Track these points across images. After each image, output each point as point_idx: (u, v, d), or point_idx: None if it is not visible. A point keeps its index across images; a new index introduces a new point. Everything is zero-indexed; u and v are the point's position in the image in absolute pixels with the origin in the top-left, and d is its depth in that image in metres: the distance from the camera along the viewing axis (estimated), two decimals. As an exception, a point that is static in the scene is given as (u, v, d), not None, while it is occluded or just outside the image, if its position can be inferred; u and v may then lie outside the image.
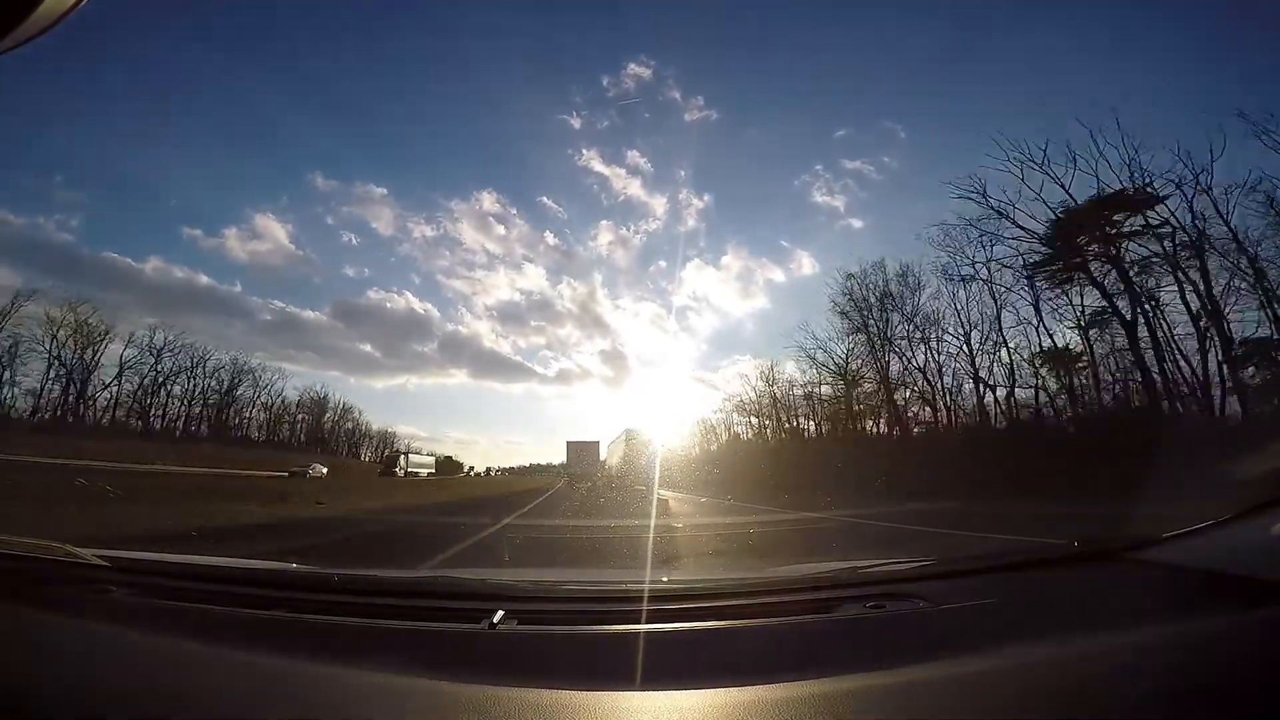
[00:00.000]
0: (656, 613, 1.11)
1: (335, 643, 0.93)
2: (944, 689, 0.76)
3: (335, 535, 6.68)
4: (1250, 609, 0.91)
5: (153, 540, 4.88)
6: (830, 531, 7.92)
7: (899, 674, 0.80)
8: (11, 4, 0.66)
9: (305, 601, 1.14)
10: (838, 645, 0.98)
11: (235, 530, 6.54)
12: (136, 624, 0.98)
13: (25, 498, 7.26)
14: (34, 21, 0.68)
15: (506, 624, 1.01)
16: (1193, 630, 0.91)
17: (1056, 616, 1.08)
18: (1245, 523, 1.05)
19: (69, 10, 0.69)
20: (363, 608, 1.11)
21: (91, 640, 0.90)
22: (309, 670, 0.80)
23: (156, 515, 6.86)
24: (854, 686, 0.76)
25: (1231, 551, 1.04)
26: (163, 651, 0.87)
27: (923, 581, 1.26)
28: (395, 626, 1.01)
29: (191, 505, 8.42)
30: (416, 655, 0.87)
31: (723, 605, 1.16)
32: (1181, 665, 0.81)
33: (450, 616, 1.07)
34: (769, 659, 0.90)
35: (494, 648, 0.93)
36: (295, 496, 12.10)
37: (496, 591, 1.24)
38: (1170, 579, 1.12)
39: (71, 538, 1.78)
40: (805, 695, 0.74)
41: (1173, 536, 1.17)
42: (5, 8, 0.66)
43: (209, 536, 5.70)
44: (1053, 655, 0.86)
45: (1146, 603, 1.08)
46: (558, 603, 1.20)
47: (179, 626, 0.97)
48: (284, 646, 0.89)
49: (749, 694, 0.76)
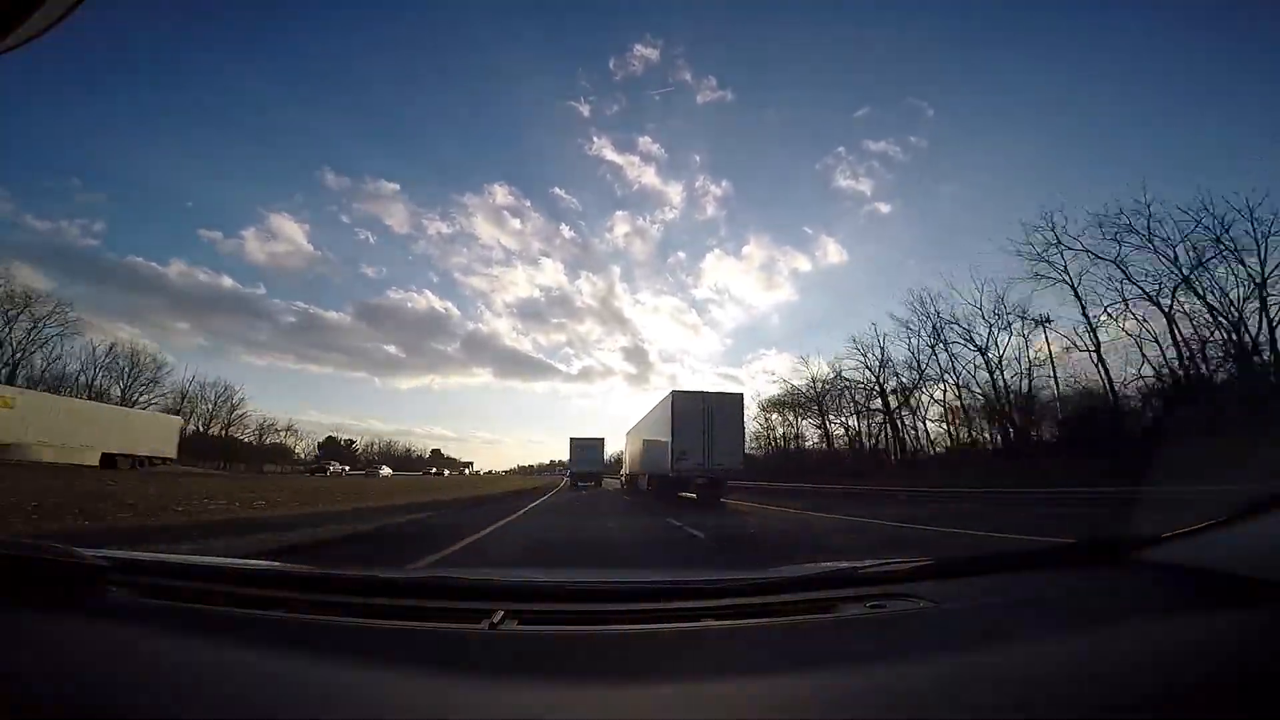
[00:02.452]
0: (657, 612, 1.12)
1: (334, 642, 0.93)
2: (944, 689, 0.75)
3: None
4: (1250, 609, 0.91)
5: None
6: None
7: (899, 674, 0.80)
8: (12, 3, 0.65)
9: (305, 601, 1.15)
10: (838, 645, 0.98)
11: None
12: (136, 624, 0.98)
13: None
14: (35, 20, 0.67)
15: (506, 624, 1.01)
16: (1193, 630, 0.91)
17: (1057, 616, 1.07)
18: (1245, 523, 1.05)
19: (70, 9, 0.68)
20: (362, 608, 1.12)
21: (91, 640, 0.90)
22: (308, 670, 0.80)
23: None
24: (854, 686, 0.76)
25: (1231, 551, 1.04)
26: (162, 651, 0.87)
27: (923, 581, 1.27)
28: (394, 626, 1.01)
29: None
30: (416, 655, 0.87)
31: (723, 605, 1.16)
32: (1182, 665, 0.80)
33: (450, 616, 1.08)
34: (769, 659, 0.90)
35: (494, 648, 0.93)
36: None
37: (496, 591, 1.24)
38: (1170, 579, 1.12)
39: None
40: (805, 695, 0.74)
41: (1173, 536, 1.17)
42: (5, 7, 0.65)
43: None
44: (1053, 655, 0.86)
45: (1146, 603, 1.07)
46: (558, 602, 1.20)
47: (179, 626, 0.98)
48: (283, 646, 0.89)
49: (749, 694, 0.76)
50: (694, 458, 16.61)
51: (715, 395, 17.67)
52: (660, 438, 18.43)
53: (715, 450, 16.76)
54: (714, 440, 16.80)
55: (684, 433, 16.75)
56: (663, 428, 17.95)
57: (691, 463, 16.60)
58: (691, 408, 17.10)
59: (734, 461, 17.31)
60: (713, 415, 16.97)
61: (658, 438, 19.07)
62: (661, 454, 17.90)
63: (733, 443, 17.36)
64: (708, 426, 16.93)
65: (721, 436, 16.98)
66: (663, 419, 18.10)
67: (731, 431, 17.31)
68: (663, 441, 17.82)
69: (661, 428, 18.24)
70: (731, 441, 17.29)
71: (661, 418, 18.44)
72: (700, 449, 16.66)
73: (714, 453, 16.74)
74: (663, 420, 18.07)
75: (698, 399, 17.35)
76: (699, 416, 16.87)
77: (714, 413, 17.06)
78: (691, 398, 17.43)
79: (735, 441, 17.59)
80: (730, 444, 17.12)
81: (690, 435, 16.73)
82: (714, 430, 16.92)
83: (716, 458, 16.78)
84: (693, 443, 16.60)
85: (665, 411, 17.86)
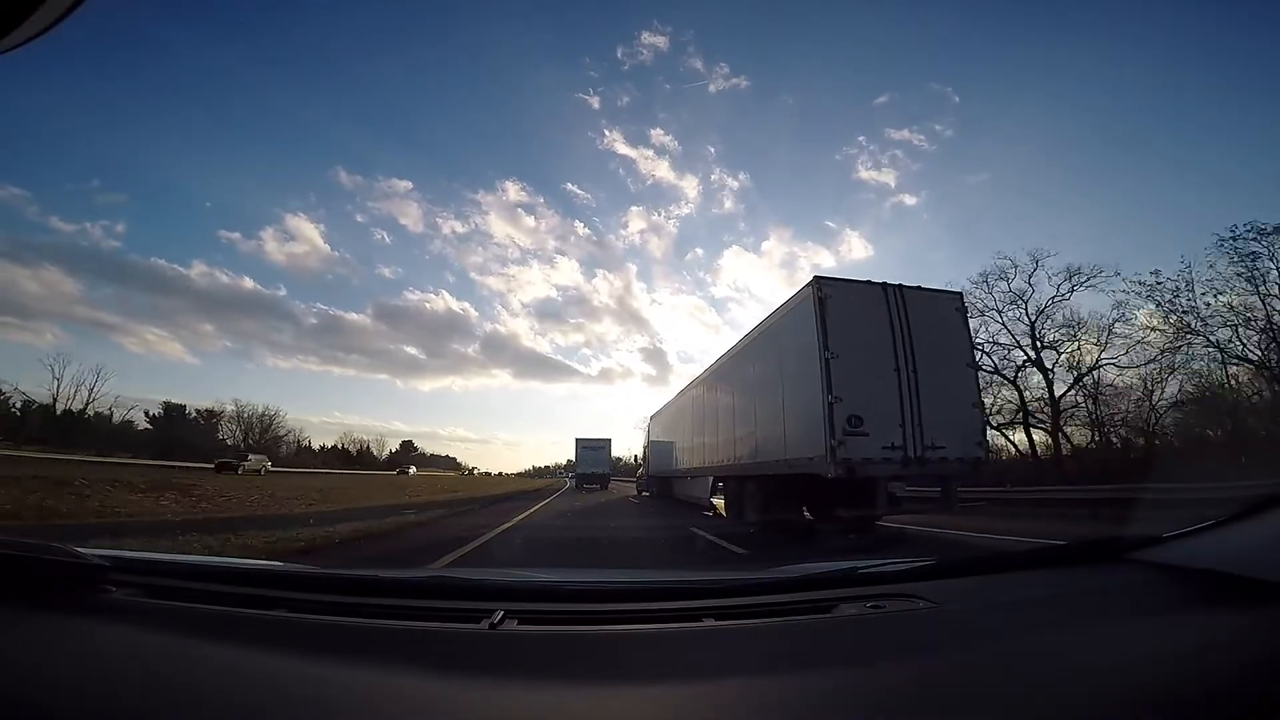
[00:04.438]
0: (657, 612, 1.12)
1: (335, 643, 0.93)
2: (944, 689, 0.75)
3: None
4: (1250, 609, 0.91)
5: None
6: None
7: (898, 674, 0.80)
8: (12, 3, 0.65)
9: (305, 601, 1.15)
10: (838, 645, 0.97)
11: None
12: (136, 624, 0.98)
13: None
14: (36, 20, 0.67)
15: (506, 624, 1.01)
16: (1193, 630, 0.91)
17: (1056, 616, 1.06)
18: (1245, 523, 1.05)
19: (70, 9, 0.68)
20: (362, 608, 1.12)
21: (91, 640, 0.91)
22: (309, 670, 0.80)
23: None
24: (853, 686, 0.76)
25: (1231, 551, 1.04)
26: (163, 651, 0.87)
27: (923, 581, 1.26)
28: (394, 626, 1.01)
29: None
30: (416, 655, 0.87)
31: (723, 605, 1.16)
32: (1181, 665, 0.80)
33: (450, 616, 1.08)
34: (769, 658, 0.89)
35: (494, 648, 0.93)
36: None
37: (496, 591, 1.25)
38: (1170, 579, 1.12)
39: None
40: (805, 695, 0.74)
41: (1173, 536, 1.18)
42: (5, 7, 0.65)
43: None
44: (1053, 655, 0.86)
45: (1146, 603, 1.06)
46: (558, 602, 1.19)
47: (179, 626, 0.97)
48: (284, 646, 0.89)
49: (749, 694, 0.76)
50: (883, 432, 7.06)
51: (913, 292, 7.86)
52: (770, 397, 8.86)
53: (929, 418, 7.27)
54: (923, 396, 7.33)
55: (851, 375, 7.10)
56: (789, 364, 8.25)
57: (877, 446, 7.02)
58: (865, 315, 7.49)
59: (970, 444, 7.50)
60: (912, 339, 7.52)
61: (762, 398, 9.24)
62: (780, 424, 8.32)
63: (961, 402, 7.59)
64: (906, 363, 7.38)
65: (938, 387, 7.41)
66: (789, 348, 8.30)
67: (957, 376, 7.70)
68: (776, 403, 8.50)
69: (785, 363, 8.44)
70: (958, 398, 7.58)
71: (784, 345, 8.54)
72: (895, 413, 7.18)
73: (926, 425, 7.25)
74: (789, 350, 8.29)
75: (876, 297, 7.67)
76: (884, 339, 7.46)
77: (914, 331, 7.55)
78: (862, 294, 7.69)
79: (965, 397, 7.69)
80: (957, 403, 7.54)
81: (867, 382, 7.15)
82: (921, 373, 7.39)
83: (933, 434, 7.24)
84: (876, 397, 7.16)
85: (797, 327, 7.96)
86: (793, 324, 8.15)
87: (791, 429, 7.99)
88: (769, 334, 9.19)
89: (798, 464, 7.61)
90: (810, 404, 7.28)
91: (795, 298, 8.21)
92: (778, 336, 8.78)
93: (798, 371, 7.79)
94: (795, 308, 8.14)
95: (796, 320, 7.96)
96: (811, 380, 7.25)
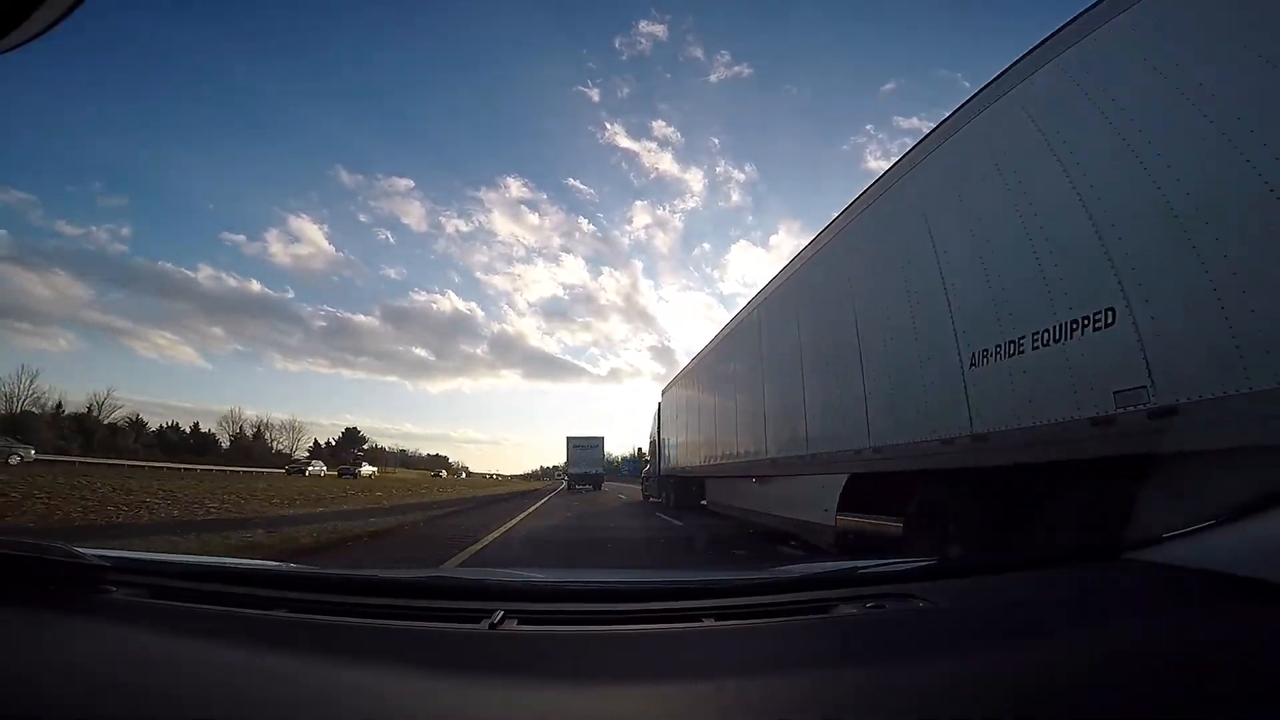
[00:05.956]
0: (657, 612, 1.12)
1: (335, 643, 0.93)
2: (943, 689, 0.76)
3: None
4: (1250, 609, 0.92)
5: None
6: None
7: (897, 674, 0.80)
8: (12, 3, 0.65)
9: (305, 601, 1.15)
10: (837, 645, 0.98)
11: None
12: (137, 624, 0.98)
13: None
14: (37, 19, 0.67)
15: (506, 624, 1.01)
16: (1193, 630, 0.91)
17: (1056, 617, 1.07)
18: (1245, 523, 1.05)
19: (70, 9, 0.68)
20: (362, 608, 1.12)
21: (91, 640, 0.91)
22: (309, 670, 0.81)
23: None
24: (853, 687, 0.76)
25: (1231, 551, 1.04)
26: (163, 651, 0.87)
27: (923, 581, 1.26)
28: (394, 626, 1.01)
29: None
30: (416, 655, 0.87)
31: (722, 605, 1.16)
32: (1181, 665, 0.80)
33: (450, 616, 1.08)
34: (768, 659, 0.90)
35: (494, 648, 0.93)
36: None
37: (496, 591, 1.25)
38: (1170, 579, 1.12)
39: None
40: (804, 695, 0.74)
41: (1173, 536, 1.18)
42: (5, 7, 0.65)
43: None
44: (1052, 656, 0.86)
45: (1147, 603, 1.07)
46: (557, 602, 1.19)
47: (179, 626, 0.97)
48: (284, 646, 0.89)
49: (748, 694, 0.76)
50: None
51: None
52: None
53: None
54: None
55: None
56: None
57: None
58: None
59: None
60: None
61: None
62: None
63: None
64: None
65: None
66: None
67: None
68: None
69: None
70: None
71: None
72: None
73: None
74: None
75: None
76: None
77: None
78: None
79: None
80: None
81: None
82: None
83: None
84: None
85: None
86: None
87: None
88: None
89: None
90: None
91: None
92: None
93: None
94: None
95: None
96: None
